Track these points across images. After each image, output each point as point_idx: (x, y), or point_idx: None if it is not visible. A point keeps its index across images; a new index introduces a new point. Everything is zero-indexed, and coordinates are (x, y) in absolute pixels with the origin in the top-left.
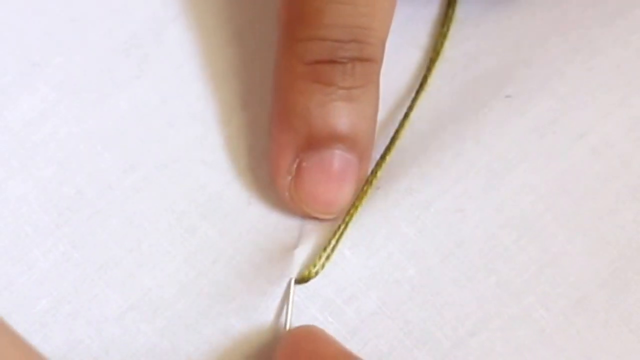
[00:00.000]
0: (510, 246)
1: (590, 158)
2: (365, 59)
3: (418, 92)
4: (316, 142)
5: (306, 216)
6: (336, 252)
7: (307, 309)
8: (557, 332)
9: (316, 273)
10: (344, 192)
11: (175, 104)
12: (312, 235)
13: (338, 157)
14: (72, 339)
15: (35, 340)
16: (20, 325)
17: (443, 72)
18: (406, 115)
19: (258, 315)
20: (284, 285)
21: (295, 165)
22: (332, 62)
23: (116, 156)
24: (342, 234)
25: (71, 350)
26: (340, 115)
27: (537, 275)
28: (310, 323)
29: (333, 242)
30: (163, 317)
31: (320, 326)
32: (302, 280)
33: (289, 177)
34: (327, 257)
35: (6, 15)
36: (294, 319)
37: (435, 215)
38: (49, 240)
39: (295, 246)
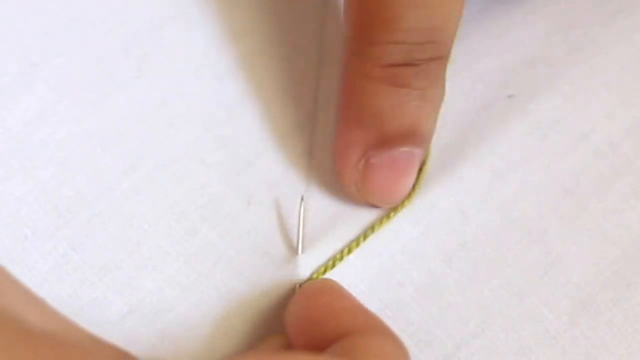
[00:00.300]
0: (513, 247)
1: (593, 158)
2: (438, 58)
3: None
4: (388, 141)
5: (369, 205)
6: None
7: None
8: (561, 332)
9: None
10: (409, 184)
11: (175, 104)
12: (315, 238)
13: (407, 154)
14: None
15: None
16: None
17: None
18: None
19: (260, 318)
20: (287, 288)
21: (363, 161)
22: (408, 64)
23: (116, 157)
24: (354, 247)
25: None
26: (414, 116)
27: (540, 276)
28: None
29: (345, 251)
30: (164, 320)
31: None
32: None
33: (357, 172)
34: (332, 266)
35: (6, 15)
36: None
37: (438, 216)
38: (49, 242)
39: (297, 249)
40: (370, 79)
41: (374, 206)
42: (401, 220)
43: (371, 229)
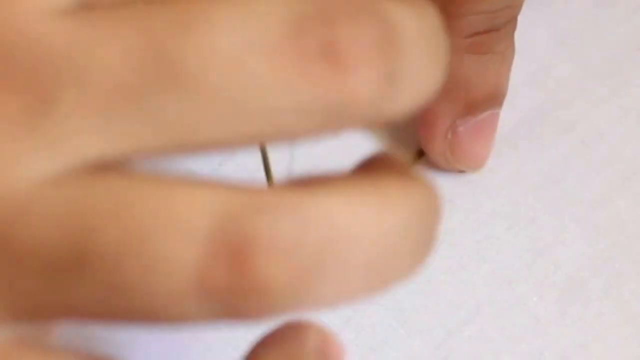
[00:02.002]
0: (502, 235)
1: (581, 148)
2: (512, 20)
3: None
4: (474, 107)
5: (456, 171)
6: None
7: None
8: (551, 320)
9: None
10: (492, 145)
11: None
12: None
13: (491, 116)
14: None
15: None
16: None
17: None
18: None
19: None
20: None
21: (450, 131)
22: (490, 31)
23: None
24: None
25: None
26: (496, 78)
27: (530, 264)
28: (302, 316)
29: None
30: None
31: (314, 318)
32: None
33: (446, 142)
34: None
35: None
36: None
37: None
38: None
39: None
40: (455, 50)
41: (460, 171)
42: None
43: None
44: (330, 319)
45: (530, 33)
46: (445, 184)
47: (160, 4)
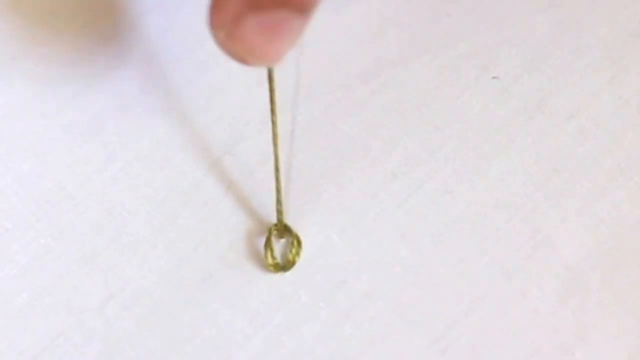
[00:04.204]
0: (502, 226)
1: (581, 138)
2: None
3: None
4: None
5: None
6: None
7: (297, 297)
8: (551, 312)
9: (294, 257)
10: (282, 48)
11: (154, 93)
12: (294, 221)
13: (281, 19)
14: (53, 331)
15: (16, 333)
16: (1, 319)
17: (422, 50)
18: None
19: (241, 302)
20: (267, 272)
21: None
22: None
23: (95, 147)
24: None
25: (52, 341)
26: None
27: (529, 255)
28: (301, 311)
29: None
30: (144, 305)
31: (312, 313)
32: (288, 264)
33: (228, 29)
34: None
35: None
36: (284, 308)
37: (423, 196)
38: (29, 233)
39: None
40: None
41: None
42: (384, 202)
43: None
44: (330, 315)
45: (529, 20)
46: (442, 176)
47: None
